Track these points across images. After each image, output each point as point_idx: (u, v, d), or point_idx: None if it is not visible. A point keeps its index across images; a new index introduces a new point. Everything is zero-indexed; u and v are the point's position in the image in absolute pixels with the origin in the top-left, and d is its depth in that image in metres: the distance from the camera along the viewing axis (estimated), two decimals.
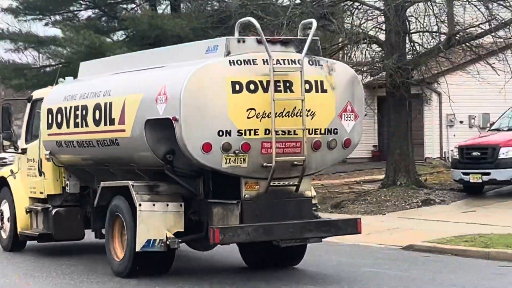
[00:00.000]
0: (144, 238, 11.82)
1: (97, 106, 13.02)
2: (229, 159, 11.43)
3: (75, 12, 25.03)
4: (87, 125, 13.31)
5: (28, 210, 15.45)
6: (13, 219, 15.68)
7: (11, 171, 16.44)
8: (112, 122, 12.66)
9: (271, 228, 11.63)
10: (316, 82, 11.80)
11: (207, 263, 13.94)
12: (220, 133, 11.21)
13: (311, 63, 11.83)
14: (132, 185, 12.13)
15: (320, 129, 11.79)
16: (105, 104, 12.81)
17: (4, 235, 16.00)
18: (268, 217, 11.63)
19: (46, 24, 24.72)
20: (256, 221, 11.45)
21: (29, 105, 15.72)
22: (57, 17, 24.63)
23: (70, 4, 24.65)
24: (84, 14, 25.14)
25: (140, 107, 11.98)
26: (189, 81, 11.17)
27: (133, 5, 25.05)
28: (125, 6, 24.92)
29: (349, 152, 12.51)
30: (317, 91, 11.80)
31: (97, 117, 13.06)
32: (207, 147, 11.28)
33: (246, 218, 11.49)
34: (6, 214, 15.97)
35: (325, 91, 11.87)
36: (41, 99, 14.96)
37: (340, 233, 12.68)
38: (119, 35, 24.82)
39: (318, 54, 12.04)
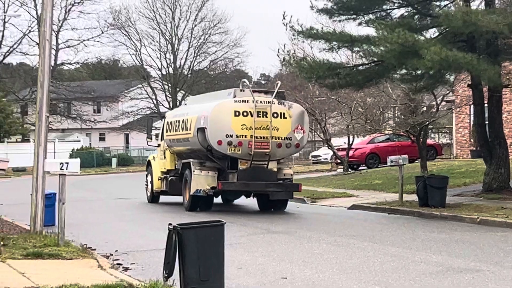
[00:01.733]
0: (195, 188, 24.56)
1: (183, 121, 26.59)
2: (231, 149, 24.06)
3: (388, 11, 25.01)
4: (178, 131, 26.95)
5: (159, 178, 28.76)
6: (151, 184, 29.43)
7: (153, 157, 30.40)
8: (187, 129, 25.99)
9: (249, 184, 24.45)
10: (281, 113, 24.41)
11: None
12: (226, 136, 24.00)
13: (279, 103, 24.48)
14: (192, 162, 25.14)
15: (281, 137, 24.35)
16: (185, 120, 26.34)
17: (148, 193, 29.98)
18: (250, 179, 24.28)
19: (360, 24, 24.91)
20: (243, 181, 24.30)
21: (163, 119, 29.92)
22: (370, 16, 24.73)
23: (383, 3, 24.67)
24: (397, 13, 25.08)
25: (196, 122, 25.07)
26: (212, 110, 24.40)
27: (447, 2, 24.54)
28: (438, 3, 24.50)
29: (298, 150, 27.01)
30: (281, 117, 24.38)
31: (182, 126, 26.54)
32: (219, 142, 24.06)
33: (239, 179, 24.38)
34: (149, 181, 29.65)
35: (285, 117, 24.44)
36: (165, 116, 29.59)
37: (288, 190, 25.12)
38: (432, 33, 24.45)
39: (284, 98, 25.05)
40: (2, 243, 14.97)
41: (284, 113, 24.40)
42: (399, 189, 25.14)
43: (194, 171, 24.63)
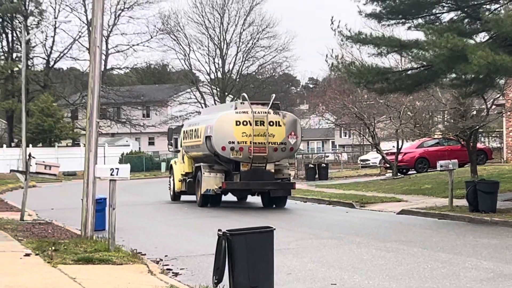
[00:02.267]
0: (205, 188, 28.93)
1: (195, 130, 30.93)
2: (233, 154, 28.02)
3: (437, 15, 24.81)
4: (192, 138, 31.18)
5: (179, 180, 32.83)
6: (173, 184, 33.72)
7: (174, 162, 34.39)
8: (198, 137, 30.23)
9: (249, 183, 28.57)
10: (276, 121, 28.38)
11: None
12: (229, 142, 28.01)
13: (274, 113, 28.46)
14: (202, 165, 29.46)
15: (277, 142, 28.34)
16: (197, 129, 30.66)
17: (171, 193, 34.20)
18: (250, 179, 28.39)
19: (409, 28, 24.74)
20: (245, 180, 28.38)
21: (181, 129, 34.34)
22: (420, 20, 24.55)
23: (433, 7, 24.47)
24: (446, 17, 24.86)
25: (204, 131, 29.23)
26: (217, 120, 28.50)
27: (497, 6, 24.27)
28: (488, 6, 24.22)
29: (292, 153, 32.45)
30: (276, 125, 28.37)
31: (194, 135, 30.81)
32: (223, 148, 28.09)
33: (241, 179, 28.44)
34: (171, 182, 33.94)
35: (280, 125, 28.44)
36: (183, 126, 34.38)
37: (284, 188, 29.43)
38: (482, 37, 24.18)
39: (278, 109, 28.90)
40: (53, 248, 15.17)
41: (279, 122, 28.65)
42: (449, 194, 24.93)
43: (204, 173, 29.19)
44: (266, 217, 24.59)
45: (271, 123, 28.38)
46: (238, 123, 28.22)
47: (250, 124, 28.13)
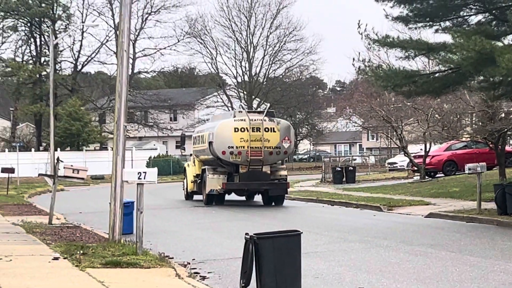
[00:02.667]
0: (209, 188, 32.19)
1: (201, 136, 34.52)
2: (233, 157, 31.29)
3: (465, 17, 24.65)
4: (199, 144, 34.66)
5: (191, 181, 35.68)
6: (186, 185, 36.85)
7: (187, 164, 37.73)
8: (203, 142, 33.53)
9: (247, 184, 31.96)
10: (271, 128, 31.66)
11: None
12: (228, 147, 31.30)
13: (269, 120, 31.78)
14: (207, 168, 32.85)
15: (272, 146, 31.55)
16: (202, 135, 34.22)
17: (185, 193, 37.48)
18: (248, 180, 31.68)
19: (436, 31, 24.64)
20: (243, 181, 31.83)
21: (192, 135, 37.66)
22: (447, 23, 24.44)
23: (460, 10, 24.34)
24: (474, 19, 24.67)
25: (208, 137, 32.64)
26: (217, 127, 32.14)
27: None
28: None
29: (286, 156, 33.77)
30: (271, 131, 31.64)
31: (200, 140, 34.45)
32: (223, 152, 31.41)
33: (240, 180, 31.93)
34: (185, 183, 37.09)
35: (275, 131, 31.72)
36: (194, 132, 37.65)
37: (279, 188, 32.33)
38: (510, 39, 24.02)
39: (273, 116, 32.70)
40: (81, 251, 15.25)
41: (273, 128, 32.04)
42: (477, 197, 24.78)
43: (208, 175, 32.60)
44: (293, 221, 24.57)
45: (266, 129, 31.75)
46: (236, 129, 31.63)
47: (247, 131, 31.57)
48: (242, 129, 31.56)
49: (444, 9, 24.27)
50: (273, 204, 32.80)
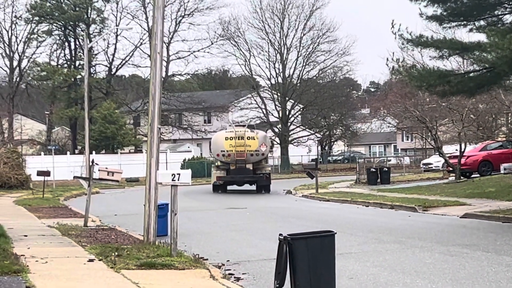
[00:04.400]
0: (213, 180, 48.22)
1: (209, 143, 52.91)
2: (225, 158, 46.23)
3: (500, 16, 24.42)
4: (211, 149, 51.30)
5: (216, 177, 47.45)
6: (212, 180, 49.07)
7: (213, 164, 52.90)
8: (211, 147, 50.41)
9: (234, 177, 46.70)
10: (251, 136, 46.14)
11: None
12: (221, 151, 46.28)
13: (250, 131, 46.90)
14: (212, 166, 51.44)
15: (252, 150, 45.91)
16: (210, 142, 50.97)
17: (212, 187, 48.67)
18: (235, 174, 46.36)
19: (470, 30, 24.44)
20: (231, 175, 46.60)
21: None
22: (481, 22, 24.23)
23: (495, 9, 24.14)
24: (509, 18, 24.42)
25: (211, 144, 49.84)
26: (214, 137, 49.03)
27: None
28: None
29: (264, 157, 47.25)
30: (251, 139, 46.01)
31: (209, 146, 53.17)
32: (218, 155, 46.88)
33: (230, 174, 46.71)
34: (212, 179, 49.19)
35: (254, 139, 46.20)
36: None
37: (259, 179, 46.87)
38: None
39: (254, 128, 49.17)
40: (116, 253, 15.33)
41: (253, 136, 46.31)
42: None
43: (212, 171, 49.01)
44: (327, 222, 24.51)
45: (248, 138, 45.97)
46: (227, 138, 46.30)
47: (234, 139, 45.93)
48: (231, 138, 45.95)
49: (478, 8, 24.08)
50: (262, 192, 46.29)
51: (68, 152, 79.97)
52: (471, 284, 12.45)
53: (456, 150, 48.15)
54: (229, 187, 47.64)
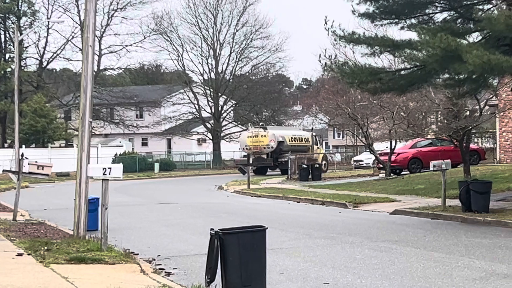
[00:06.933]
0: (239, 165, 66.02)
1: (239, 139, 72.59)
2: (247, 150, 64.56)
3: (431, 15, 24.76)
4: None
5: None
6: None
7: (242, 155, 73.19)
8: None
9: (252, 163, 59.56)
10: (263, 135, 63.90)
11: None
12: (245, 146, 64.78)
13: (263, 131, 64.53)
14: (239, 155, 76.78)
15: (264, 144, 63.53)
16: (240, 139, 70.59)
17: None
18: (255, 161, 62.90)
19: (402, 28, 24.68)
20: (253, 162, 62.16)
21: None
22: (413, 21, 24.51)
23: (426, 7, 24.44)
24: (440, 17, 24.79)
25: (240, 140, 69.14)
26: (241, 135, 69.04)
27: (490, 6, 24.27)
28: (481, 7, 24.23)
29: (273, 149, 63.69)
30: (264, 137, 63.77)
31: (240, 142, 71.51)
32: (243, 149, 65.88)
33: (252, 161, 61.21)
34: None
35: (265, 136, 63.73)
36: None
37: (283, 166, 62.53)
38: (475, 37, 24.15)
39: (266, 129, 65.46)
40: (46, 248, 15.14)
41: (265, 135, 62.76)
42: (442, 194, 24.96)
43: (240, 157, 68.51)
44: (259, 218, 24.56)
45: (261, 136, 62.95)
46: (248, 136, 63.82)
47: (252, 137, 63.12)
48: (250, 136, 63.57)
49: (410, 6, 24.36)
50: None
51: None
52: (400, 279, 12.60)
53: (387, 147, 48.77)
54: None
